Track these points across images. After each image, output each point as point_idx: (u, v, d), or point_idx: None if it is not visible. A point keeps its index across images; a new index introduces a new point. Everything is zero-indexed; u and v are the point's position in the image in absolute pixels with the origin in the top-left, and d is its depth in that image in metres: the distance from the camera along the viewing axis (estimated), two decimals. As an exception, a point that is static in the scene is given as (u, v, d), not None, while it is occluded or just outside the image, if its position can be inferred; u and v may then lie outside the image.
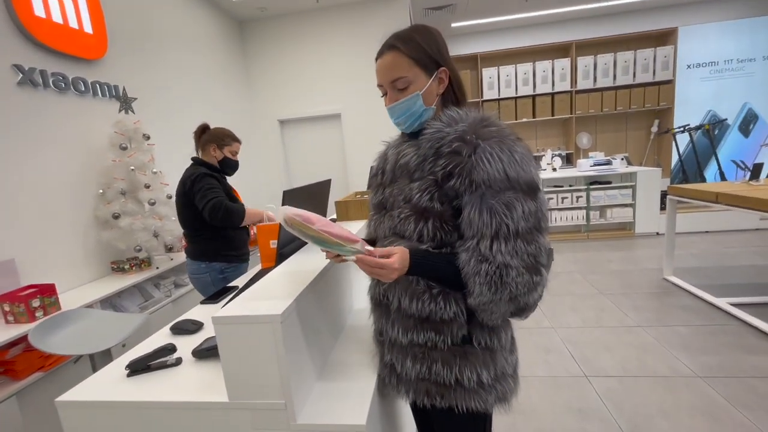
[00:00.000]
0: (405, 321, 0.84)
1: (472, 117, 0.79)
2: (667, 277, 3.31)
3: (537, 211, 0.73)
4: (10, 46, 2.04)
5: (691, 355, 2.21)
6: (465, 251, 0.74)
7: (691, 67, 5.45)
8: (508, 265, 0.71)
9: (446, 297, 0.80)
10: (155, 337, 1.23)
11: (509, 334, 0.89)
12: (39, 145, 2.14)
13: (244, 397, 0.82)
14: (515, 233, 0.71)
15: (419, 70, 0.81)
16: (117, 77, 2.71)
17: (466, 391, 0.81)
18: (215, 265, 1.92)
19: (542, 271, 0.74)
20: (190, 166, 1.92)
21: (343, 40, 4.59)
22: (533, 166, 0.75)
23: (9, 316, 1.76)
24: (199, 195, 1.78)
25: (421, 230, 0.79)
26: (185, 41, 3.62)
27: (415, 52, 0.81)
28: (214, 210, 1.73)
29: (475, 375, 0.81)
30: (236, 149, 1.98)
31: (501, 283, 0.71)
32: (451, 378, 0.81)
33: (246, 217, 1.85)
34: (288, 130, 5.01)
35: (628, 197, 4.71)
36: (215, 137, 1.93)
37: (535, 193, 0.73)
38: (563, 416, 1.83)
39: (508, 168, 0.71)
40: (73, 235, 2.30)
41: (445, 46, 0.86)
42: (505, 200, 0.71)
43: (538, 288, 0.75)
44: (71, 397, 0.92)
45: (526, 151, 0.75)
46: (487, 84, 5.77)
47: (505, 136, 0.74)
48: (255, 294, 0.89)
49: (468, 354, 0.81)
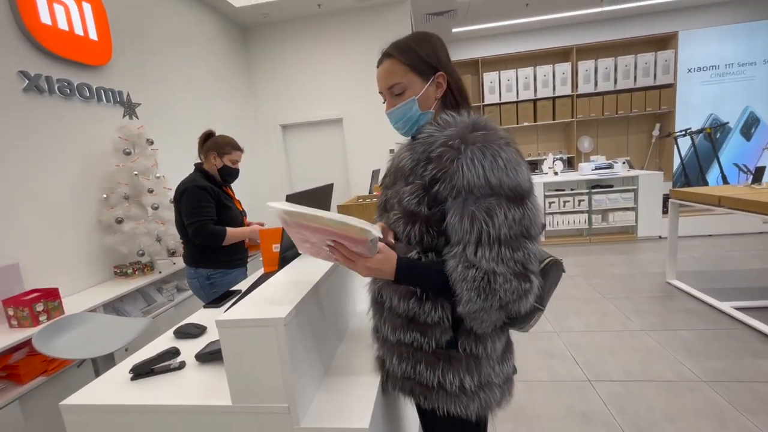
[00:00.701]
0: (394, 320, 0.86)
1: (463, 121, 0.78)
2: (670, 280, 3.30)
3: (523, 217, 0.71)
4: (17, 52, 2.07)
5: (695, 360, 2.20)
6: (452, 257, 0.74)
7: (692, 71, 5.47)
8: (495, 272, 0.70)
9: (433, 301, 0.81)
10: (159, 341, 1.23)
11: (500, 345, 0.86)
12: (44, 151, 2.16)
13: (248, 400, 0.82)
14: (497, 240, 0.70)
15: (414, 76, 0.84)
16: (121, 83, 2.74)
17: (448, 394, 0.82)
18: (201, 271, 1.93)
19: (531, 278, 0.73)
20: (191, 173, 1.95)
21: (345, 45, 4.63)
22: (521, 171, 0.73)
23: (13, 320, 1.77)
24: (186, 212, 1.85)
25: (409, 233, 0.80)
26: (189, 47, 3.65)
27: (409, 58, 0.84)
28: (195, 234, 1.83)
29: (458, 380, 0.81)
30: (237, 158, 1.98)
31: (489, 289, 0.70)
32: (433, 380, 0.82)
33: (227, 238, 1.88)
34: (290, 135, 5.04)
35: (630, 201, 4.71)
36: (216, 145, 1.94)
37: (521, 200, 0.72)
38: (566, 421, 1.82)
39: (490, 174, 0.70)
40: (77, 239, 2.32)
41: (444, 51, 0.87)
42: (485, 206, 0.70)
43: (529, 296, 0.73)
44: (75, 400, 0.92)
45: (514, 156, 0.73)
46: (488, 88, 5.80)
47: (491, 141, 0.72)
48: (258, 298, 0.89)
49: (452, 358, 0.82)
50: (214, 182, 1.94)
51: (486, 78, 5.77)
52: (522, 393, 2.04)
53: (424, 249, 0.81)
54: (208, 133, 2.00)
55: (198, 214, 1.83)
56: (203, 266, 1.93)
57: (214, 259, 1.92)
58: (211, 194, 1.87)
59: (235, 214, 1.99)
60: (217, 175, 1.96)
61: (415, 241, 0.81)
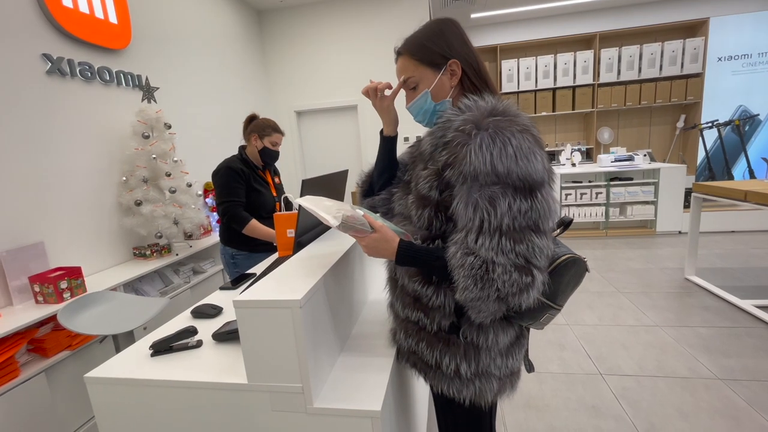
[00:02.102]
0: (404, 297, 0.90)
1: (482, 106, 0.75)
2: (689, 276, 3.22)
3: (531, 209, 0.68)
4: (40, 35, 2.10)
5: (712, 357, 2.15)
6: (454, 244, 0.74)
7: (722, 60, 5.22)
8: (494, 262, 0.68)
9: (437, 286, 0.83)
10: (177, 320, 1.26)
11: (505, 338, 0.85)
12: (66, 133, 2.21)
13: (263, 379, 0.84)
14: (497, 230, 0.68)
15: (425, 69, 0.85)
16: (140, 67, 2.77)
17: (443, 375, 0.86)
18: (228, 249, 2.05)
19: (534, 272, 0.70)
20: (233, 155, 2.04)
21: (361, 30, 4.56)
22: (534, 161, 0.69)
23: (39, 297, 1.84)
24: (217, 191, 1.95)
25: (420, 216, 0.83)
26: (205, 32, 3.66)
27: (418, 51, 0.85)
28: (223, 213, 1.93)
29: (454, 364, 0.84)
30: (277, 140, 2.03)
31: (486, 278, 0.69)
32: (432, 360, 0.87)
33: (250, 228, 1.92)
34: (304, 121, 5.03)
35: (650, 194, 4.59)
36: (258, 127, 2.00)
37: (531, 191, 0.69)
38: (577, 413, 1.81)
39: (497, 161, 0.68)
40: (98, 220, 2.38)
41: (458, 36, 0.86)
42: (489, 195, 0.68)
43: (530, 290, 0.70)
44: (99, 373, 0.96)
45: (528, 144, 0.69)
46: (507, 76, 5.66)
47: (503, 128, 0.69)
48: (275, 280, 0.90)
49: (450, 343, 0.84)
50: (248, 165, 2.00)
51: (504, 66, 5.63)
52: (532, 383, 2.04)
53: (432, 234, 0.82)
54: (252, 116, 2.08)
55: (226, 194, 1.92)
56: (229, 245, 2.04)
57: (237, 239, 2.00)
58: (241, 176, 1.94)
59: (266, 199, 2.03)
60: (257, 157, 2.02)
61: (424, 225, 0.82)
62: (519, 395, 1.95)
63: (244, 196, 1.95)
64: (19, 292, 1.85)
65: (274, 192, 2.12)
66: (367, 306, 1.34)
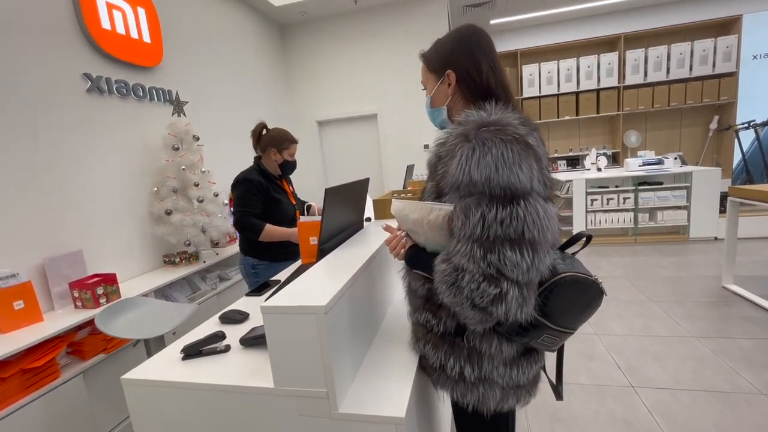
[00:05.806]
0: (415, 300, 0.95)
1: (474, 120, 0.75)
2: (727, 285, 3.05)
3: (511, 217, 0.66)
4: (81, 56, 2.25)
5: (755, 370, 2.03)
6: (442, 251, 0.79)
7: (758, 58, 5.00)
8: (464, 269, 0.71)
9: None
10: (205, 325, 1.31)
11: (509, 349, 0.84)
12: (103, 147, 2.34)
13: (289, 384, 0.85)
14: (469, 237, 0.70)
15: (431, 75, 0.93)
16: (171, 82, 2.90)
17: (448, 378, 0.88)
18: (248, 259, 2.04)
19: (503, 284, 0.67)
20: (250, 165, 2.06)
21: (381, 40, 4.63)
22: (518, 170, 0.68)
23: (78, 302, 1.94)
24: (235, 201, 1.97)
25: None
26: (231, 46, 3.81)
27: (427, 58, 0.93)
28: (236, 222, 1.95)
29: (458, 367, 0.85)
30: (294, 151, 2.05)
31: (455, 285, 0.72)
32: (436, 362, 0.89)
33: (266, 234, 1.92)
34: (326, 131, 5.13)
35: (682, 199, 4.40)
36: (275, 141, 2.00)
37: (513, 199, 0.67)
38: (607, 426, 1.75)
39: (474, 170, 0.69)
40: (131, 229, 2.50)
41: (463, 45, 0.86)
42: (465, 204, 0.71)
43: (502, 302, 0.68)
44: (134, 375, 1.00)
45: (512, 153, 0.68)
46: (528, 81, 5.61)
47: (487, 139, 0.69)
48: (300, 286, 0.92)
49: (455, 345, 0.86)
50: (266, 176, 2.01)
51: (525, 71, 5.58)
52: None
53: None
54: (262, 125, 2.06)
55: (242, 204, 1.93)
56: (249, 255, 2.04)
57: (256, 249, 2.01)
58: (259, 188, 1.95)
59: (286, 208, 2.05)
60: (275, 167, 2.04)
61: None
62: (544, 406, 1.90)
63: (260, 207, 1.95)
64: (60, 298, 1.96)
65: (293, 200, 2.15)
66: (390, 311, 1.34)
